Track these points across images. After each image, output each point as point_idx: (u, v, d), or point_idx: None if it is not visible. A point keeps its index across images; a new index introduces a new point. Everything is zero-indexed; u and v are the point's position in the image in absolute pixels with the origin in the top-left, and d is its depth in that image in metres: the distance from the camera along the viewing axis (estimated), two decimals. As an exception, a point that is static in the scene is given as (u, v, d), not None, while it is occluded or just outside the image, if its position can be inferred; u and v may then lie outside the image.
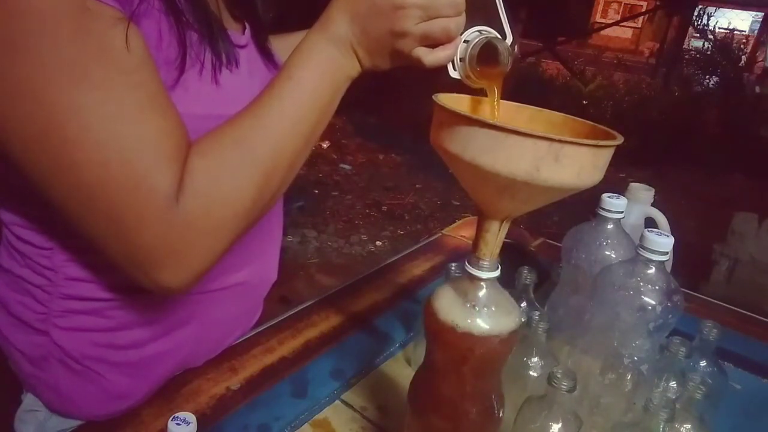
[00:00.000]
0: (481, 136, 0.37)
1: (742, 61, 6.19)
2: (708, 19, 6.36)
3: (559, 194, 0.40)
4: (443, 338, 0.44)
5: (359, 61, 0.53)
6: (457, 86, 0.53)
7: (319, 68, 0.51)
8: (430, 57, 0.51)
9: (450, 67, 0.53)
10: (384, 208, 3.45)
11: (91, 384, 0.60)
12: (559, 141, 0.36)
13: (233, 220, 0.50)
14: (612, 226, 0.65)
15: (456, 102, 0.49)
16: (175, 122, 0.48)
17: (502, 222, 0.43)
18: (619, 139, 0.39)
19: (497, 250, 0.44)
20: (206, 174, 0.47)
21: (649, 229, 0.57)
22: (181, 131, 0.48)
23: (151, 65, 0.46)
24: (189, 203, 0.46)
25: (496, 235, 0.43)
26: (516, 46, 0.53)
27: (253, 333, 0.74)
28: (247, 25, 0.65)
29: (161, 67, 0.48)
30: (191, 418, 0.44)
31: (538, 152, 0.36)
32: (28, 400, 0.63)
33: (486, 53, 0.51)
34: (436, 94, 0.42)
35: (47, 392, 0.61)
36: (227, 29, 0.57)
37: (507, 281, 0.47)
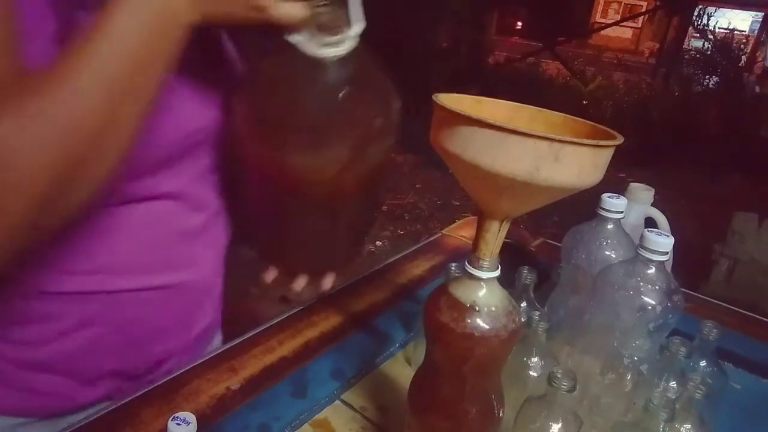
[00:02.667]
0: (481, 136, 0.37)
1: (742, 61, 6.20)
2: (708, 19, 6.36)
3: (560, 194, 0.40)
4: (443, 338, 0.44)
5: (200, 14, 0.46)
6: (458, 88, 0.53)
7: (132, 9, 0.43)
8: (279, 10, 0.46)
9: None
10: (384, 208, 3.45)
11: None
12: (560, 141, 0.36)
13: (18, 192, 0.40)
14: (612, 226, 0.65)
15: (456, 102, 0.49)
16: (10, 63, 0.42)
17: (502, 222, 0.43)
18: (619, 139, 0.39)
19: (497, 250, 0.44)
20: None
21: (649, 229, 0.57)
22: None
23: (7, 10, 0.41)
24: None
25: (496, 235, 0.43)
26: (358, 33, 0.52)
27: (252, 333, 0.74)
28: None
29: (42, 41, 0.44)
30: (191, 418, 0.44)
31: (538, 152, 0.36)
32: None
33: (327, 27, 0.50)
34: (435, 94, 0.42)
35: None
36: None
37: (507, 281, 0.47)
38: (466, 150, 0.38)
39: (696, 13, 6.61)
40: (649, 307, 0.56)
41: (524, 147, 0.36)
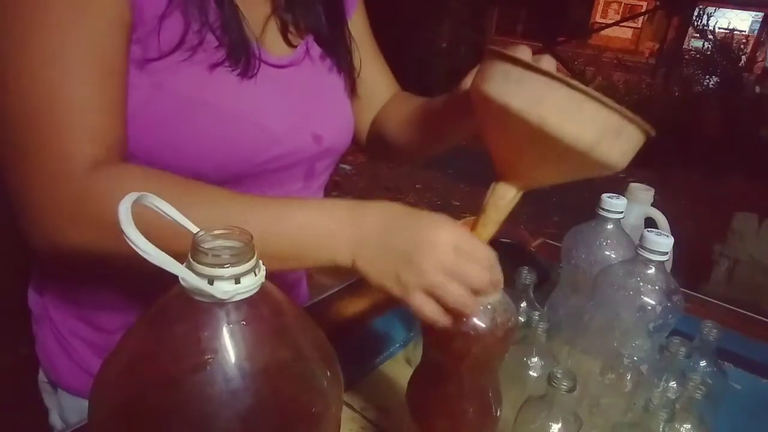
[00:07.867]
0: (558, 95, 0.34)
1: (742, 61, 6.20)
2: (708, 19, 6.36)
3: (595, 172, 0.39)
4: (440, 337, 0.44)
5: (353, 259, 0.46)
6: None
7: (311, 229, 0.46)
8: (428, 309, 0.43)
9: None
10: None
11: (69, 358, 0.62)
12: (629, 119, 0.34)
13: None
14: (612, 226, 0.65)
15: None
16: (117, 110, 0.47)
17: (518, 192, 0.43)
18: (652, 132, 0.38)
19: (502, 219, 0.44)
20: (132, 184, 0.44)
21: (649, 229, 0.57)
22: (117, 123, 0.48)
23: (120, 43, 0.47)
24: (98, 185, 0.44)
25: (508, 204, 0.43)
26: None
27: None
28: (304, 41, 0.62)
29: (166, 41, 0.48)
30: None
31: (607, 124, 0.34)
32: (42, 369, 0.66)
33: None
34: (489, 46, 0.40)
35: (41, 355, 0.64)
36: (263, 48, 0.57)
37: (507, 281, 0.47)
38: (533, 106, 0.35)
39: (696, 13, 6.60)
40: (649, 307, 0.56)
41: (598, 115, 0.34)
